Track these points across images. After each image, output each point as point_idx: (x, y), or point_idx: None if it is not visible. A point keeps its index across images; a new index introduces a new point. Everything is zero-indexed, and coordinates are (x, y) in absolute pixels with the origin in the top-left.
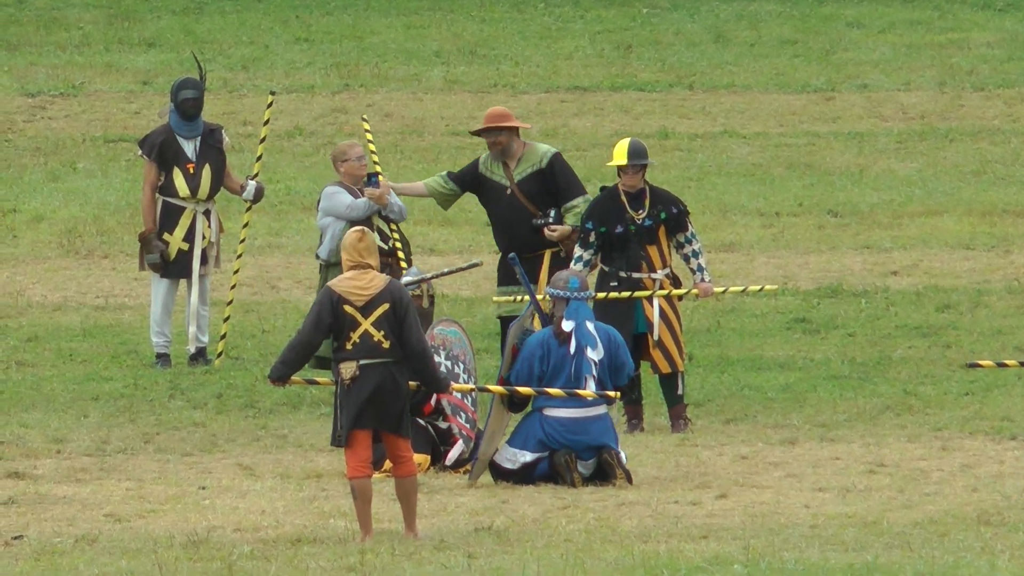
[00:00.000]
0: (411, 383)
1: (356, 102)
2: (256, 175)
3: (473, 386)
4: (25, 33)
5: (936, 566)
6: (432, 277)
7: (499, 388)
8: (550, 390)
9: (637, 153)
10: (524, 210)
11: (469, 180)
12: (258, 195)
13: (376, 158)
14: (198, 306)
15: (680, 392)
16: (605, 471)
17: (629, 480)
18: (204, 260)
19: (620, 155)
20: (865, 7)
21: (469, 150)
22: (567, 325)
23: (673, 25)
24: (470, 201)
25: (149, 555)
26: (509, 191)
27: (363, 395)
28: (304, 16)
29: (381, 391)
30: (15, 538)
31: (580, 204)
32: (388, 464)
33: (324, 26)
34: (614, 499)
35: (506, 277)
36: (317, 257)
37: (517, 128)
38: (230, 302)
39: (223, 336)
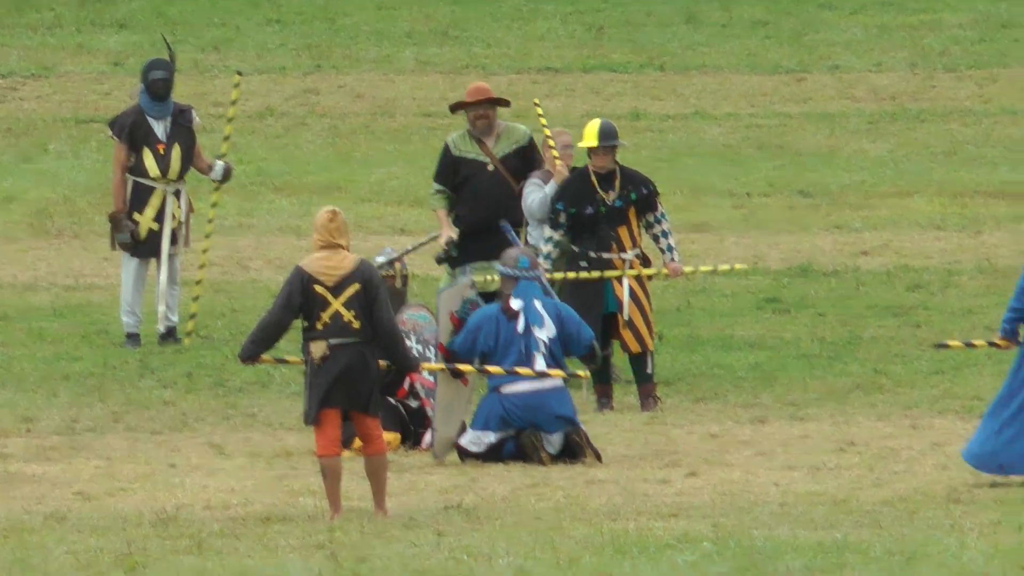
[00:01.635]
0: (381, 363)
1: (327, 83)
2: (224, 155)
3: (443, 365)
4: None
5: (906, 544)
6: (401, 255)
7: (469, 367)
8: (520, 369)
9: (607, 134)
10: (508, 185)
11: (450, 171)
12: (226, 175)
13: (552, 142)
14: (168, 286)
15: (650, 371)
16: (573, 450)
17: (598, 458)
18: (174, 240)
19: (590, 136)
20: None
21: (440, 131)
22: (515, 303)
23: (645, 6)
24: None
25: (118, 533)
26: (491, 167)
27: (333, 374)
28: None
29: (351, 370)
30: None
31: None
32: (357, 442)
33: (295, 7)
34: (583, 477)
35: (476, 253)
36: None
37: (497, 105)
38: (199, 282)
39: (192, 315)
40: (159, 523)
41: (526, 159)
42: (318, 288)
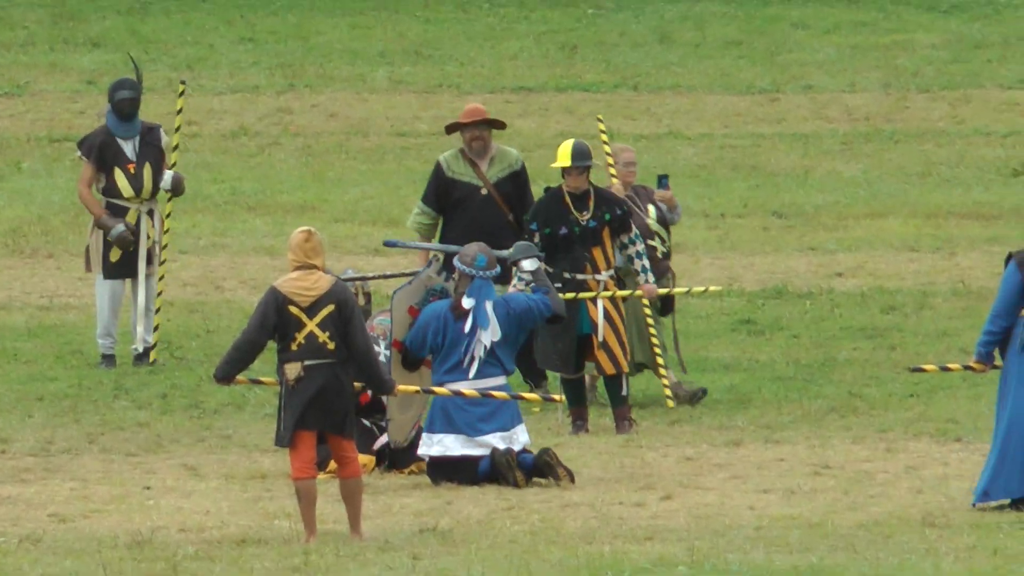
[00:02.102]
0: (356, 384)
1: (301, 102)
2: (174, 165)
3: (418, 388)
4: None
5: (881, 568)
6: (372, 277)
7: (443, 390)
8: (495, 393)
9: (581, 154)
10: (500, 211)
11: (441, 192)
12: (176, 185)
13: (611, 160)
14: (145, 306)
15: (625, 393)
16: (543, 470)
17: (571, 479)
18: (149, 260)
19: (564, 156)
20: (810, 8)
21: (413, 151)
22: (467, 302)
23: (618, 26)
24: (416, 200)
25: (93, 555)
26: (485, 191)
27: (307, 396)
28: (249, 16)
29: (325, 392)
30: None
31: None
32: (332, 465)
33: (269, 26)
34: (558, 500)
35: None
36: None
37: (492, 127)
38: (158, 309)
39: (155, 327)
40: (134, 545)
41: (518, 184)
42: (292, 309)
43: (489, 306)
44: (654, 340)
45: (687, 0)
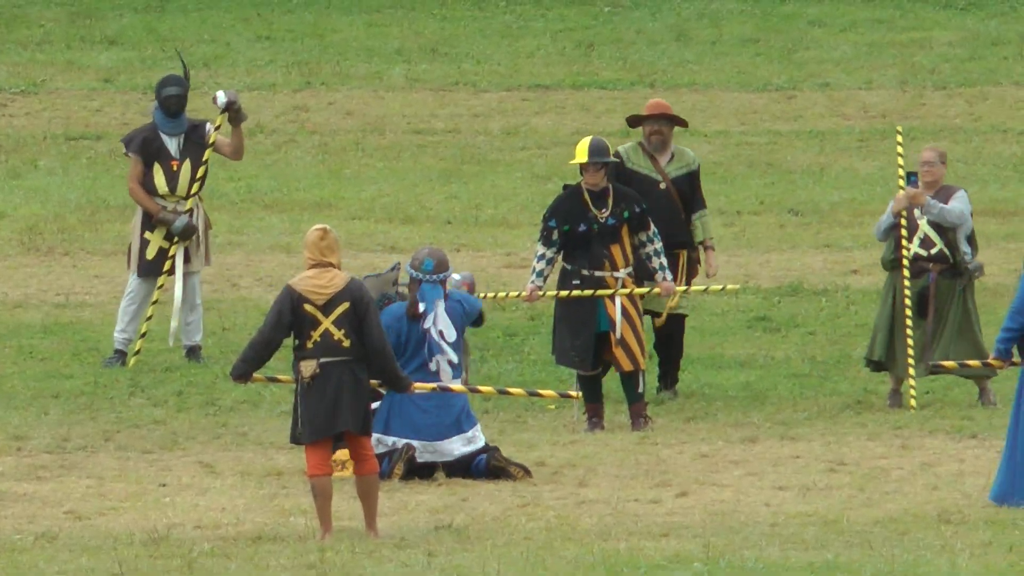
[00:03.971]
0: (372, 381)
1: (317, 100)
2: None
3: (435, 385)
4: None
5: (896, 565)
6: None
7: (460, 387)
8: (513, 390)
9: (598, 151)
10: (676, 206)
11: (622, 181)
12: (231, 100)
13: (901, 160)
14: (192, 304)
15: (641, 390)
16: (497, 474)
17: (527, 472)
18: (187, 258)
19: (582, 153)
20: (826, 6)
21: (430, 148)
22: (421, 306)
23: (634, 23)
24: (433, 197)
25: (109, 552)
26: (663, 186)
27: (324, 396)
28: (266, 14)
29: (341, 390)
30: None
31: (707, 217)
32: (339, 455)
33: (285, 24)
34: (574, 497)
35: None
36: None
37: (674, 124)
38: (155, 301)
39: (142, 335)
40: (150, 542)
41: (693, 183)
42: (308, 307)
43: (441, 307)
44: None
45: None
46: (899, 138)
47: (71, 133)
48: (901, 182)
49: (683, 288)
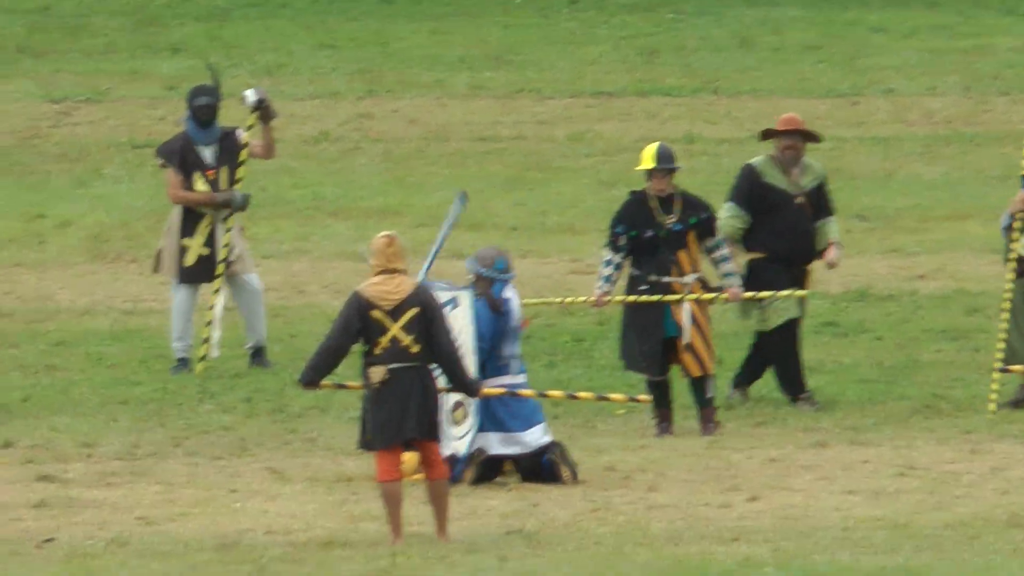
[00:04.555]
0: (441, 386)
1: (380, 108)
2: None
3: (503, 389)
4: (51, 40)
5: (967, 568)
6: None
7: (529, 392)
8: (581, 394)
9: (665, 157)
10: (809, 219)
11: (755, 197)
12: (260, 98)
13: None
14: (253, 305)
15: (710, 395)
16: (553, 472)
17: (574, 476)
18: (229, 263)
19: (648, 159)
20: (889, 12)
21: (494, 155)
22: (507, 294)
23: (698, 30)
24: (498, 204)
25: (180, 558)
26: (799, 199)
27: (394, 403)
28: (329, 22)
29: (411, 396)
30: (46, 541)
31: (833, 222)
32: (407, 457)
33: (348, 32)
34: (644, 502)
35: (778, 284)
36: None
37: (807, 139)
38: (211, 307)
39: (205, 340)
40: (221, 548)
41: (823, 195)
42: (375, 313)
43: (515, 303)
44: None
45: (766, 5)
46: None
47: (135, 141)
48: None
49: (750, 294)
